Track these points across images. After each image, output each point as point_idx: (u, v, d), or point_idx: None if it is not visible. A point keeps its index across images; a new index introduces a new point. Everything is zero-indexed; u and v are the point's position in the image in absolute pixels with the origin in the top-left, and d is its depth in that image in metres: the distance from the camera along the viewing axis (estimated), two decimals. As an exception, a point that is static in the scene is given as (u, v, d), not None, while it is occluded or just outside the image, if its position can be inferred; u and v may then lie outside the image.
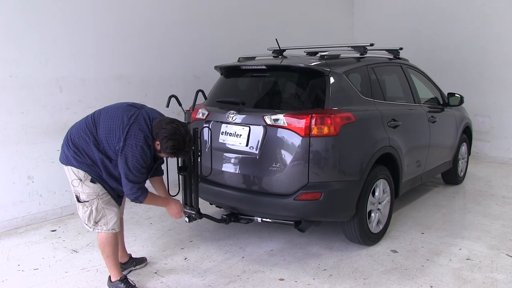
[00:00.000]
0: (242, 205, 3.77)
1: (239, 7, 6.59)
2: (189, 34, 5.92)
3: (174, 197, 3.42)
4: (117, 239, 3.15)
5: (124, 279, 3.19)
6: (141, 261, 3.65)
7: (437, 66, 7.14)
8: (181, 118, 3.56)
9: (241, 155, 3.71)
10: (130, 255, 3.61)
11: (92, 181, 2.94)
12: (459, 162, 5.85)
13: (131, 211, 4.83)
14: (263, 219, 3.80)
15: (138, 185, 2.94)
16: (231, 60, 4.59)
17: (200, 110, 4.07)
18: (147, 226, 4.54)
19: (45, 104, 4.59)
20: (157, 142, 2.91)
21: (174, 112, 4.66)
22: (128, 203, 3.52)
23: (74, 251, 3.96)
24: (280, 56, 4.58)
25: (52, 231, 4.44)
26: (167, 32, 5.67)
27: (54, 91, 4.64)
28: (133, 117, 2.91)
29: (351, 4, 9.02)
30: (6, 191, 4.41)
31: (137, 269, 3.58)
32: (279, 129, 3.52)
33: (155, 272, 3.55)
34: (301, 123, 3.42)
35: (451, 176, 5.85)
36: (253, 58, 4.44)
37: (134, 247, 3.98)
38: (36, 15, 4.45)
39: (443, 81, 5.70)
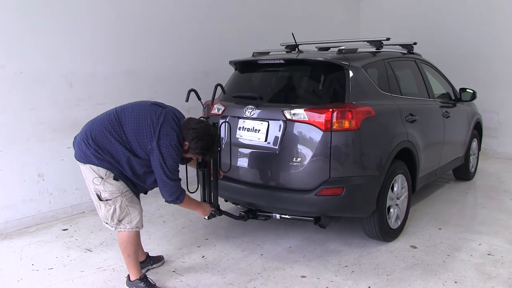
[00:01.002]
0: (261, 202, 3.71)
1: (247, 4, 6.53)
2: (198, 31, 5.85)
3: (192, 193, 3.36)
4: (139, 237, 3.10)
5: (143, 278, 3.12)
6: (158, 259, 3.58)
7: (444, 62, 7.03)
8: (193, 113, 3.49)
9: (259, 151, 3.64)
10: (147, 254, 3.53)
11: (115, 178, 2.87)
12: (470, 158, 5.82)
13: (143, 209, 4.73)
14: (282, 216, 3.74)
15: (177, 183, 2.92)
16: (239, 56, 4.50)
17: (215, 105, 4.00)
18: (161, 224, 4.46)
19: (54, 101, 4.51)
20: (186, 142, 2.90)
21: (184, 108, 4.58)
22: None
23: (88, 250, 3.88)
24: (293, 51, 4.53)
25: (64, 230, 4.35)
26: (177, 29, 5.61)
27: (64, 87, 4.56)
28: (162, 116, 2.88)
29: (357, 1, 8.97)
30: (16, 189, 4.33)
31: (154, 267, 3.51)
32: (299, 123, 3.46)
33: (173, 271, 3.48)
34: (322, 117, 3.36)
35: (463, 172, 5.82)
36: (267, 53, 4.38)
37: (149, 246, 3.90)
38: (46, 11, 4.37)
39: (450, 77, 5.65)
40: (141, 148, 2.86)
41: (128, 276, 3.15)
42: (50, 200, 4.56)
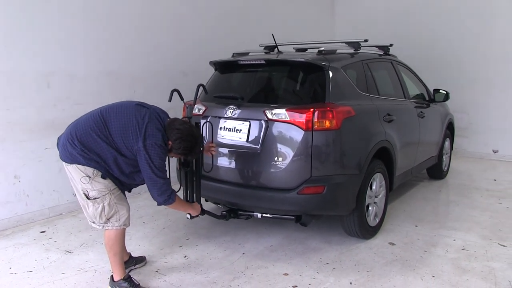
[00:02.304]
0: (243, 201, 3.74)
1: (224, 6, 6.55)
2: (177, 31, 5.85)
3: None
4: (124, 236, 3.08)
5: (128, 278, 3.11)
6: (141, 260, 3.57)
7: (416, 64, 7.27)
8: (171, 114, 3.47)
9: (241, 150, 3.67)
10: (130, 254, 3.52)
11: (102, 177, 2.87)
12: (443, 157, 6.00)
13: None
14: (263, 215, 3.78)
15: (167, 181, 2.93)
16: (217, 56, 4.50)
17: (196, 105, 4.01)
18: (141, 225, 4.44)
19: (32, 101, 4.42)
20: (169, 142, 2.93)
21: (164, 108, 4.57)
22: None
23: (68, 252, 3.83)
24: (271, 52, 4.58)
25: (41, 232, 4.28)
26: (156, 29, 5.58)
27: (41, 87, 4.48)
28: (147, 117, 2.90)
29: (332, 4, 9.10)
30: (-9, 191, 4.23)
31: (137, 268, 3.50)
32: (280, 123, 3.50)
33: (156, 271, 3.47)
34: (303, 117, 3.42)
35: (436, 170, 5.99)
36: (246, 53, 4.41)
37: (130, 247, 3.86)
38: (24, 9, 4.28)
39: (423, 78, 5.82)
40: (127, 148, 2.86)
41: (111, 277, 3.14)
42: (26, 202, 4.47)
